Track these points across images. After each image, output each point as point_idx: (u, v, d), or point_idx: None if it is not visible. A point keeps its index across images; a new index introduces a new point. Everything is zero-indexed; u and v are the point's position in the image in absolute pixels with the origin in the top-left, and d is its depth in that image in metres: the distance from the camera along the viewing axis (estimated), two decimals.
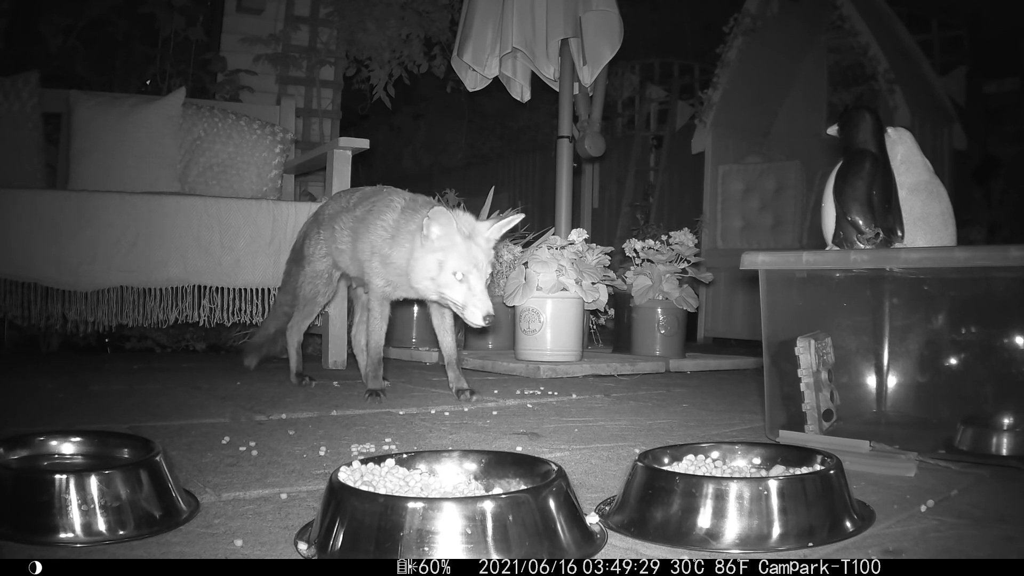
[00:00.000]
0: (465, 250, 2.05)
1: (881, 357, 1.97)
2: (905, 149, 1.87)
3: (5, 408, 2.13)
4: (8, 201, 2.90)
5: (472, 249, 2.05)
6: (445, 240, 2.06)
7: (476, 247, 2.07)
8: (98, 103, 3.42)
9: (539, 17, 3.84)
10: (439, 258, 2.06)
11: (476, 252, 2.06)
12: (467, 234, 2.07)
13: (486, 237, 2.11)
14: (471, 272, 2.04)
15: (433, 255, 2.07)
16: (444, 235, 2.06)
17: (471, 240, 2.07)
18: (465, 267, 2.04)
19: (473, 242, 2.07)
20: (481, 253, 2.08)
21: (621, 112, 7.71)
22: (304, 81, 4.76)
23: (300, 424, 1.93)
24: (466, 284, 2.04)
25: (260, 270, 3.20)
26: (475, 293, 2.04)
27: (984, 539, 1.11)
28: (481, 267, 2.06)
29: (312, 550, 1.00)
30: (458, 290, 2.05)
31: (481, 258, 2.07)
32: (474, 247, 2.06)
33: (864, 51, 5.11)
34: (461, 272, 2.04)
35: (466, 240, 2.06)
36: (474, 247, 2.06)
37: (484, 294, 2.05)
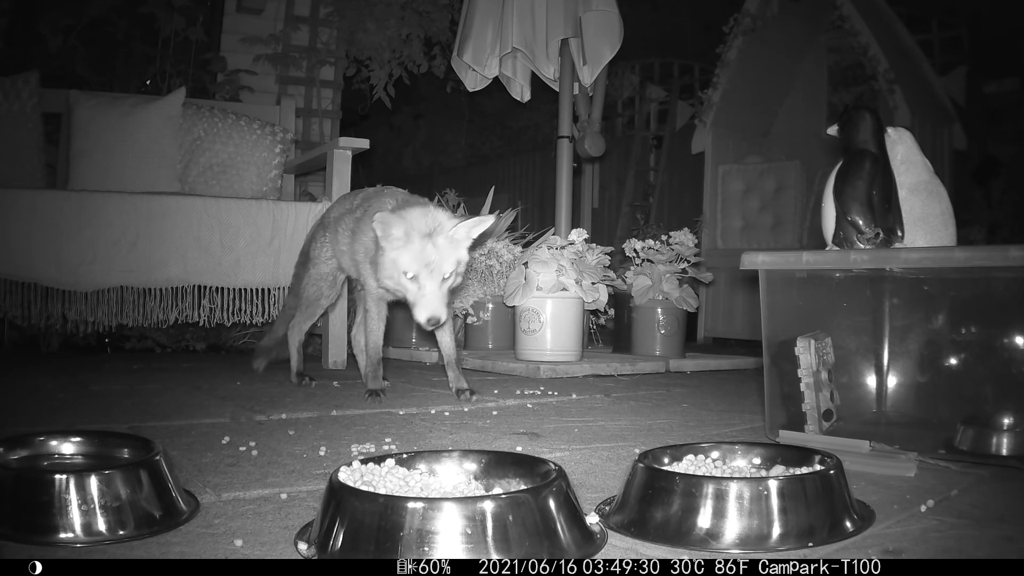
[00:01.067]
0: (418, 249, 1.99)
1: (881, 357, 1.97)
2: (905, 149, 1.87)
3: (5, 408, 2.13)
4: (8, 201, 2.90)
5: (427, 249, 1.99)
6: (399, 240, 2.02)
7: (432, 246, 2.00)
8: (98, 103, 3.42)
9: (539, 17, 3.84)
10: (393, 257, 2.02)
11: (430, 251, 1.99)
12: (425, 233, 2.01)
13: (449, 236, 2.03)
14: (421, 272, 1.99)
15: (388, 255, 2.04)
16: (397, 236, 2.01)
17: (429, 239, 2.00)
18: (414, 267, 1.99)
19: (431, 241, 2.00)
20: (437, 252, 2.01)
21: (621, 112, 7.71)
22: (304, 81, 4.76)
23: (300, 424, 1.93)
24: (416, 283, 2.00)
25: (260, 270, 3.20)
26: (424, 293, 1.99)
27: (984, 539, 1.11)
28: (435, 266, 2.00)
29: (312, 550, 1.00)
30: (409, 289, 2.02)
31: (435, 257, 2.00)
32: (429, 247, 2.00)
33: (864, 51, 5.11)
34: (412, 272, 2.00)
35: (423, 239, 2.00)
36: (429, 247, 2.00)
37: (435, 295, 2.00)
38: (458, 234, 2.05)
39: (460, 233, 2.05)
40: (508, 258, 3.47)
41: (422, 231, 2.01)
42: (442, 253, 2.01)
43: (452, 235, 2.04)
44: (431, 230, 2.01)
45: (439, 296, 2.00)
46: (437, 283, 2.00)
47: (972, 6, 6.38)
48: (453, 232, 2.04)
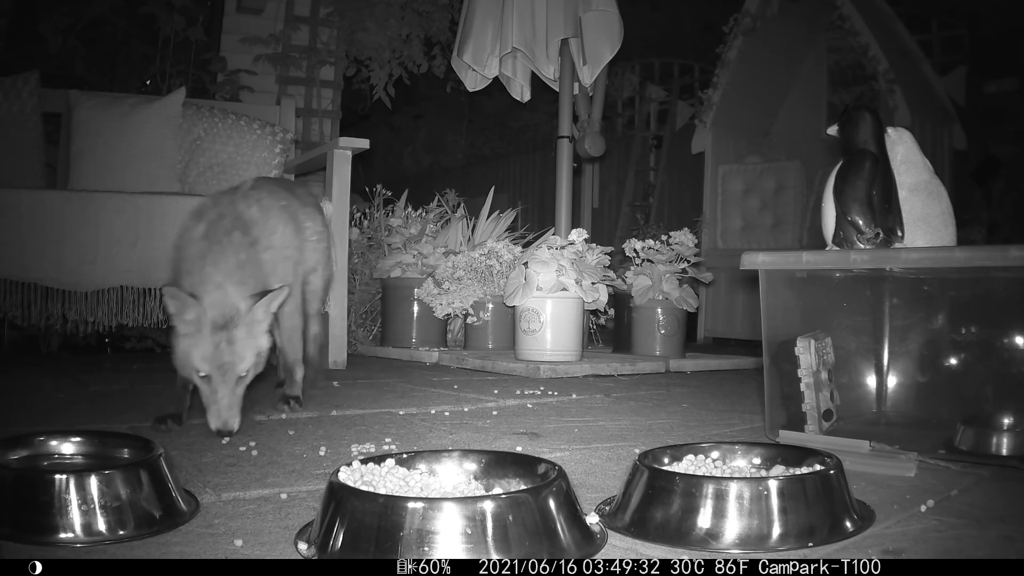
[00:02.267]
0: (210, 347, 1.68)
1: (881, 357, 1.97)
2: (905, 149, 1.87)
3: (5, 408, 2.13)
4: (8, 201, 2.90)
5: (221, 347, 1.68)
6: (191, 327, 1.70)
7: (227, 344, 1.69)
8: (98, 103, 3.42)
9: (539, 17, 3.84)
10: (184, 349, 1.71)
11: (224, 351, 1.68)
12: (220, 326, 1.69)
13: (247, 323, 1.73)
14: (213, 372, 1.68)
15: (180, 343, 1.72)
16: (190, 320, 1.70)
17: (224, 333, 1.69)
18: (204, 367, 1.69)
19: (226, 336, 1.69)
20: (231, 352, 1.69)
21: (621, 112, 7.72)
22: (304, 81, 4.76)
23: (300, 424, 1.93)
24: (208, 385, 1.70)
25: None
26: (216, 399, 1.68)
27: (984, 539, 1.11)
28: (229, 367, 1.69)
29: (312, 550, 1.00)
30: (200, 389, 1.72)
31: (229, 359, 1.69)
32: (223, 345, 1.68)
33: (864, 51, 5.11)
34: (203, 372, 1.69)
35: (216, 333, 1.68)
36: (223, 345, 1.68)
37: (228, 401, 1.69)
38: (257, 316, 1.75)
39: (259, 314, 1.75)
40: (508, 258, 3.47)
41: (216, 322, 1.69)
42: (238, 349, 1.70)
43: (250, 321, 1.73)
44: (226, 321, 1.70)
45: (234, 402, 1.70)
46: (231, 387, 1.69)
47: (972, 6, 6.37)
48: (251, 317, 1.73)
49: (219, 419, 1.68)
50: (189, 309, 1.68)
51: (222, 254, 1.78)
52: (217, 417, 1.68)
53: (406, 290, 3.63)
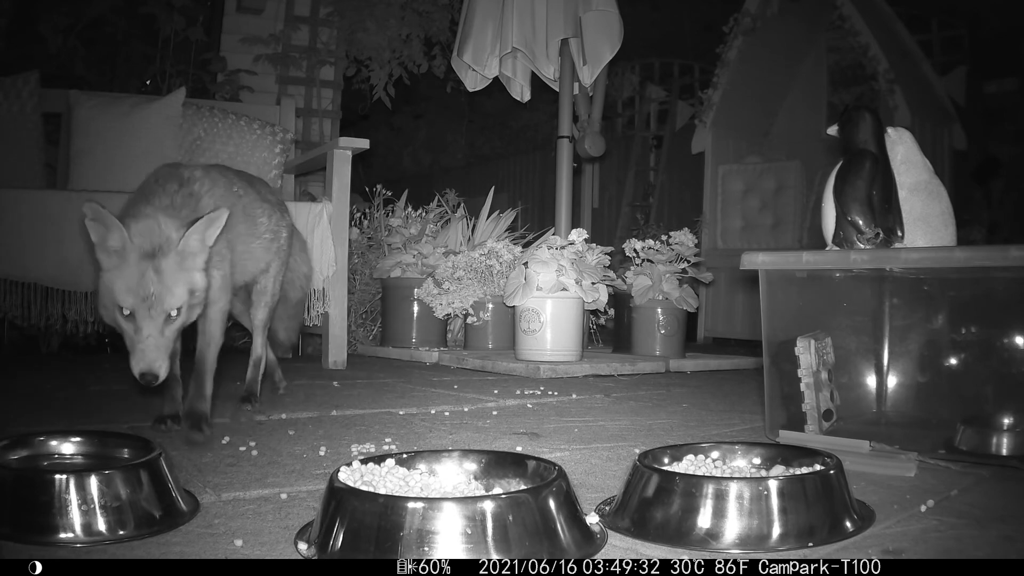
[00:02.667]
0: (134, 276, 1.47)
1: (881, 357, 1.97)
2: (905, 149, 1.87)
3: (5, 408, 2.13)
4: (8, 201, 2.90)
5: (147, 276, 1.48)
6: (115, 256, 1.50)
7: (153, 272, 1.48)
8: (98, 103, 3.42)
9: (539, 17, 3.84)
10: (107, 282, 1.50)
11: (150, 280, 1.48)
12: (147, 252, 1.49)
13: (178, 252, 1.52)
14: (138, 307, 1.47)
15: (104, 276, 1.51)
16: (114, 246, 1.50)
17: (150, 261, 1.49)
18: (129, 300, 1.48)
19: (152, 264, 1.49)
20: (159, 282, 1.49)
21: (621, 112, 7.72)
22: (304, 81, 4.76)
23: (300, 424, 1.93)
24: (132, 323, 1.49)
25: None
26: (140, 338, 1.47)
27: (984, 539, 1.11)
28: (155, 301, 1.48)
29: (312, 550, 1.00)
30: (124, 330, 1.51)
31: (155, 289, 1.47)
32: (150, 273, 1.48)
33: (864, 51, 5.11)
34: (127, 306, 1.48)
35: (141, 260, 1.48)
36: (150, 273, 1.48)
37: (154, 342, 1.48)
38: (190, 246, 1.54)
39: (192, 243, 1.54)
40: (508, 258, 3.47)
41: (143, 249, 1.49)
42: (166, 281, 1.49)
43: (182, 250, 1.53)
44: (154, 248, 1.50)
45: (161, 343, 1.49)
46: (158, 325, 1.48)
47: (972, 6, 6.37)
48: (183, 246, 1.52)
49: (143, 361, 1.46)
50: (113, 233, 1.47)
51: (156, 193, 1.66)
52: (141, 359, 1.46)
53: (406, 290, 3.63)
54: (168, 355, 1.51)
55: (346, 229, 3.25)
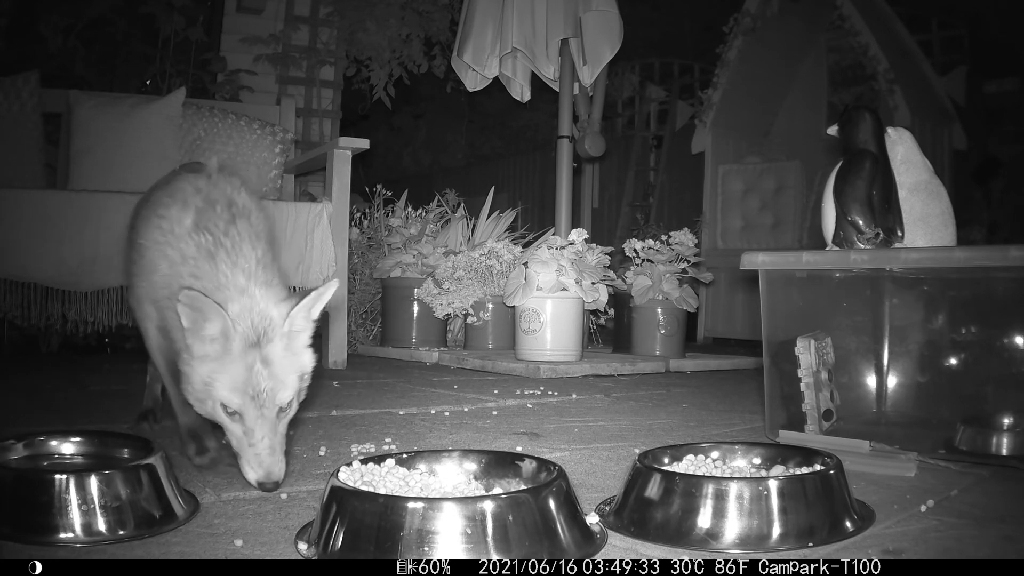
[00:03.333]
0: (241, 372, 1.23)
1: (881, 357, 1.97)
2: (905, 149, 1.87)
3: (5, 408, 2.13)
4: (8, 201, 2.90)
5: (255, 368, 1.23)
6: (215, 345, 1.25)
7: (262, 365, 1.24)
8: (98, 103, 3.42)
9: (539, 17, 3.84)
10: (204, 376, 1.25)
11: (260, 375, 1.23)
12: (252, 341, 1.25)
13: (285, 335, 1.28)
14: (247, 406, 1.23)
15: (197, 370, 1.26)
16: (212, 335, 1.25)
17: (257, 351, 1.24)
18: (236, 399, 1.23)
19: (260, 354, 1.24)
20: (270, 376, 1.24)
21: (621, 112, 7.72)
22: (304, 81, 4.76)
23: (300, 424, 1.93)
24: (240, 424, 1.25)
25: None
26: (252, 441, 1.24)
27: (984, 539, 1.11)
28: (268, 397, 1.24)
29: (312, 550, 1.00)
30: (231, 431, 1.26)
31: (267, 385, 1.23)
32: (258, 367, 1.23)
33: (864, 51, 5.11)
34: (233, 405, 1.24)
35: (247, 351, 1.24)
36: (258, 367, 1.23)
37: (269, 443, 1.24)
38: (296, 325, 1.31)
39: (298, 322, 1.31)
40: (508, 258, 3.47)
41: (247, 337, 1.25)
42: (277, 373, 1.25)
43: (289, 331, 1.29)
44: (259, 335, 1.25)
45: (276, 443, 1.25)
46: (271, 423, 1.25)
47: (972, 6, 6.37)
48: (289, 327, 1.29)
49: (261, 467, 1.23)
50: (212, 320, 1.23)
51: (237, 249, 1.35)
52: (258, 465, 1.23)
53: (406, 290, 3.63)
54: (284, 452, 1.28)
55: (346, 229, 3.25)
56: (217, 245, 1.34)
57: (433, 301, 3.51)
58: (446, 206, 4.16)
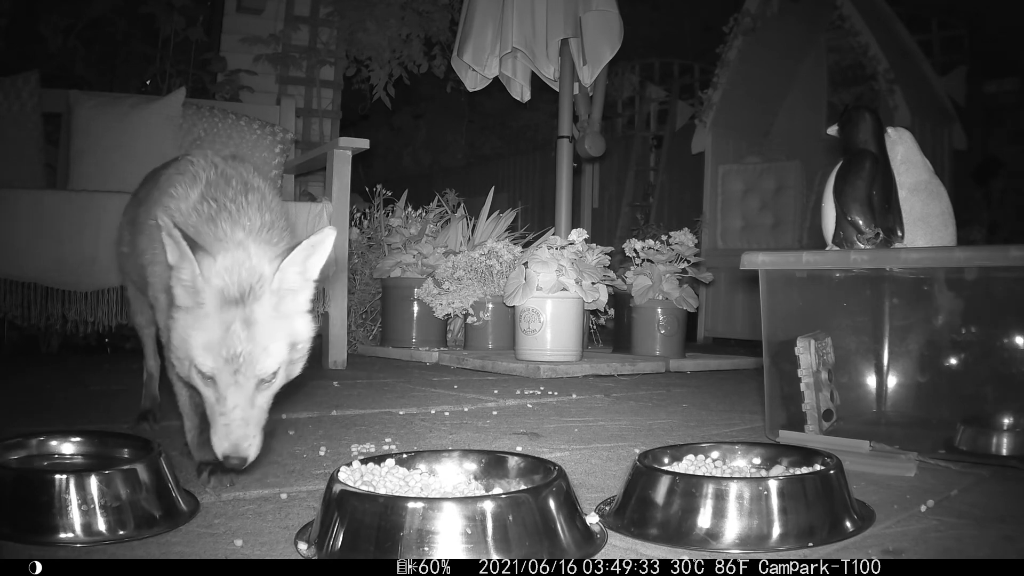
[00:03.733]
0: (217, 330, 1.10)
1: (881, 357, 1.97)
2: (905, 149, 1.87)
3: (5, 408, 2.13)
4: (8, 201, 2.90)
5: (233, 329, 1.10)
6: (191, 298, 1.13)
7: (242, 325, 1.10)
8: (98, 103, 3.42)
9: (539, 17, 3.84)
10: (182, 332, 1.13)
11: (237, 336, 1.09)
12: (234, 296, 1.11)
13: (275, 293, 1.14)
14: (221, 370, 1.10)
15: (178, 324, 1.14)
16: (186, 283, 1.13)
17: (239, 308, 1.11)
18: (207, 361, 1.11)
19: (242, 313, 1.10)
20: (250, 339, 1.10)
21: (621, 112, 7.72)
22: (304, 81, 4.76)
23: (300, 424, 1.93)
24: (214, 388, 1.12)
25: None
26: (223, 410, 1.11)
27: (984, 539, 1.11)
28: (245, 362, 1.10)
29: (312, 550, 1.00)
30: (205, 397, 1.15)
31: (244, 348, 1.10)
32: (237, 326, 1.10)
33: (864, 51, 5.11)
34: (207, 368, 1.11)
35: (226, 308, 1.11)
36: (237, 326, 1.10)
37: (241, 415, 1.11)
38: (287, 281, 1.15)
39: (290, 278, 1.16)
40: (508, 258, 3.47)
41: (226, 293, 1.11)
42: (259, 337, 1.11)
43: (279, 289, 1.15)
44: (243, 291, 1.12)
45: (251, 415, 1.13)
46: (248, 393, 1.12)
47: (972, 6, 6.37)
48: (279, 284, 1.14)
49: (228, 439, 1.10)
50: (184, 266, 1.12)
51: (241, 211, 1.24)
52: (225, 436, 1.10)
53: (406, 290, 3.63)
54: (261, 429, 1.15)
55: (346, 229, 3.25)
56: (220, 209, 1.24)
57: (433, 301, 3.51)
58: (446, 206, 4.16)
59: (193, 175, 1.32)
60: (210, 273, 1.11)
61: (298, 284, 1.17)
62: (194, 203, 1.27)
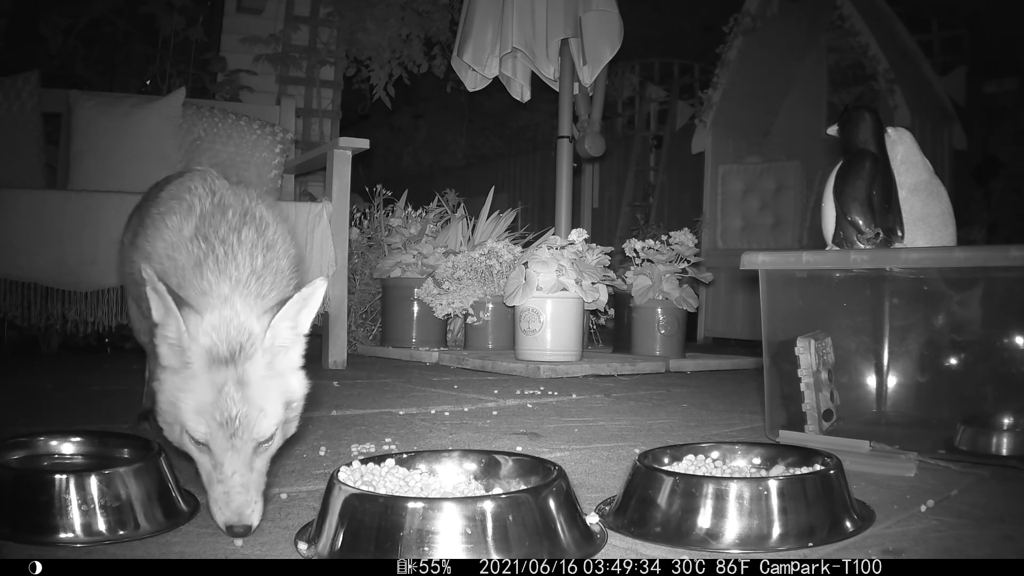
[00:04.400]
0: (208, 393, 1.04)
1: (881, 357, 1.97)
2: (905, 149, 1.87)
3: (5, 408, 2.13)
4: (8, 201, 2.90)
5: (225, 391, 1.04)
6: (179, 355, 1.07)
7: (234, 387, 1.04)
8: (98, 103, 3.42)
9: (539, 17, 3.84)
10: (170, 395, 1.07)
11: (230, 399, 1.04)
12: (224, 356, 1.05)
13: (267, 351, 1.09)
14: (215, 436, 1.04)
15: (165, 385, 1.08)
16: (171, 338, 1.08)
17: (231, 368, 1.05)
18: (199, 427, 1.04)
19: (235, 374, 1.05)
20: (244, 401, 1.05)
21: (621, 112, 7.72)
22: (304, 81, 4.76)
23: (300, 424, 1.92)
24: (208, 456, 1.05)
25: None
26: (221, 476, 1.04)
27: (984, 539, 1.11)
28: (242, 426, 1.04)
29: (312, 550, 1.00)
30: (200, 464, 1.08)
31: (239, 410, 1.04)
32: (229, 388, 1.04)
33: (864, 51, 5.11)
34: (199, 434, 1.04)
35: (215, 368, 1.05)
36: (229, 388, 1.04)
37: (241, 483, 1.04)
38: (279, 338, 1.11)
39: (283, 334, 1.11)
40: (508, 258, 3.47)
41: (215, 353, 1.06)
42: (255, 397, 1.06)
43: (271, 347, 1.10)
44: (233, 351, 1.06)
45: (251, 480, 1.05)
46: (246, 458, 1.05)
47: (972, 6, 6.37)
48: (271, 341, 1.09)
49: (229, 507, 1.03)
50: (168, 323, 1.07)
51: (229, 257, 1.19)
52: (226, 504, 1.03)
53: (406, 290, 3.63)
54: (261, 493, 1.07)
55: (346, 229, 3.25)
56: (208, 253, 1.19)
57: (433, 301, 3.51)
58: (446, 206, 4.16)
59: (189, 206, 1.27)
60: (197, 332, 1.06)
61: (290, 340, 1.13)
62: (187, 239, 1.22)
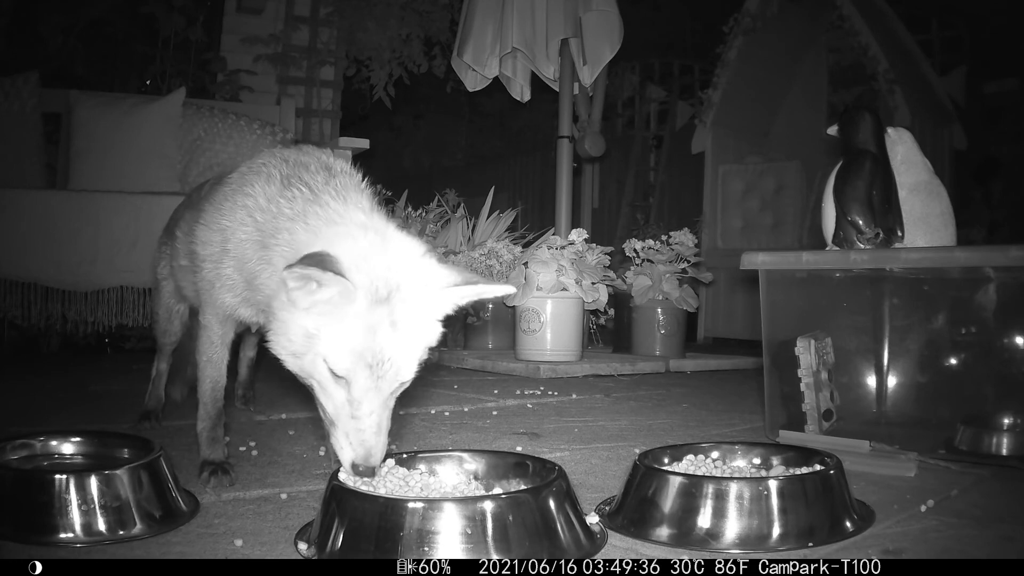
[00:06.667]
0: (361, 331, 1.02)
1: (881, 357, 1.97)
2: (905, 149, 1.87)
3: (5, 408, 2.13)
4: (8, 201, 2.90)
5: (380, 331, 1.02)
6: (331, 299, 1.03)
7: (390, 326, 1.03)
8: (98, 103, 3.42)
9: (539, 17, 3.84)
10: (309, 327, 1.05)
11: (385, 338, 1.02)
12: (381, 295, 1.02)
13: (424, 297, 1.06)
14: (358, 374, 1.03)
15: (299, 319, 1.06)
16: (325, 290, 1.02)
17: (386, 308, 1.03)
18: (347, 362, 1.03)
19: (390, 313, 1.03)
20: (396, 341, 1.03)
21: (621, 112, 7.71)
22: (304, 81, 4.76)
23: (300, 424, 1.93)
24: (345, 390, 1.05)
25: None
26: (357, 414, 1.04)
27: (984, 539, 1.11)
28: (388, 367, 1.03)
29: (312, 550, 1.00)
30: (331, 394, 1.07)
31: (391, 352, 1.03)
32: (385, 327, 1.02)
33: (864, 51, 5.11)
34: (342, 368, 1.03)
35: (373, 307, 1.02)
36: (385, 327, 1.02)
37: (375, 423, 1.04)
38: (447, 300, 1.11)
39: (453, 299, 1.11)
40: (508, 258, 3.47)
41: (375, 291, 1.03)
42: (406, 341, 1.04)
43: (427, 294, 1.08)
44: (391, 289, 1.03)
45: (384, 421, 1.06)
46: (384, 398, 1.05)
47: (972, 6, 6.37)
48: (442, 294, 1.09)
49: (363, 446, 1.03)
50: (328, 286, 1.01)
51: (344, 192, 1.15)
52: (360, 444, 1.03)
53: None
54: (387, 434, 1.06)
55: None
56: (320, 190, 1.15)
57: None
58: (446, 206, 4.16)
59: (267, 175, 1.25)
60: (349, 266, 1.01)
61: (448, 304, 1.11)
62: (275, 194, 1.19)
